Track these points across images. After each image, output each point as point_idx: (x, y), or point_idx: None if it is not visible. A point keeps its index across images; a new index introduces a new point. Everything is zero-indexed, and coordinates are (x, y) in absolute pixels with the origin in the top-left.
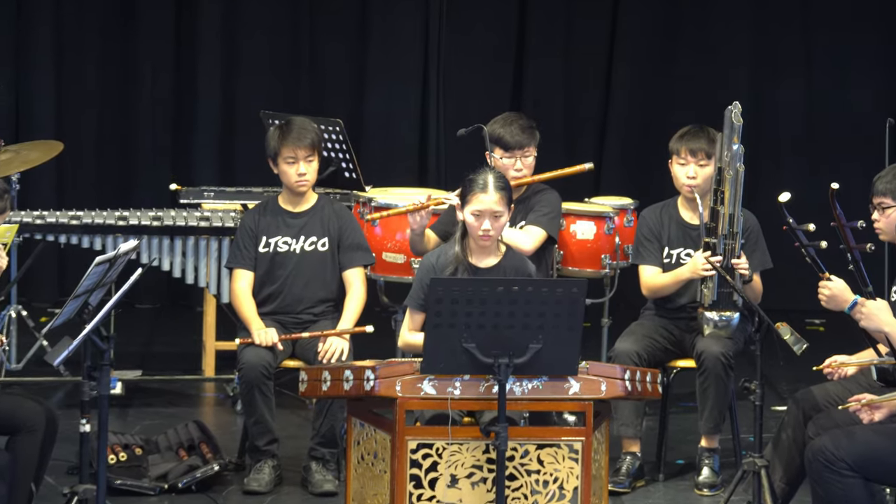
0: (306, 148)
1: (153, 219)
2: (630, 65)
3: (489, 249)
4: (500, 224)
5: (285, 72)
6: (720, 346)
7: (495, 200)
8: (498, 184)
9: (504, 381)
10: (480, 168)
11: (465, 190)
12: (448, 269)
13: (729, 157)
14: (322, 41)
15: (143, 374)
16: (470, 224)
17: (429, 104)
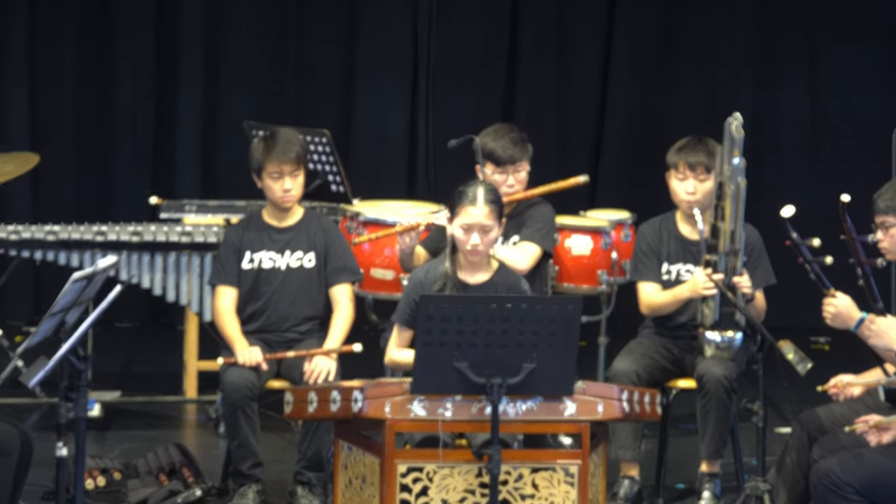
0: (291, 162)
1: (132, 234)
2: (626, 73)
3: (480, 265)
4: (489, 238)
5: (270, 80)
6: (722, 368)
7: (485, 214)
8: (488, 196)
9: (497, 402)
10: (471, 180)
11: (454, 203)
12: (436, 285)
13: (729, 170)
14: (308, 49)
15: (122, 395)
16: (458, 238)
17: (418, 115)
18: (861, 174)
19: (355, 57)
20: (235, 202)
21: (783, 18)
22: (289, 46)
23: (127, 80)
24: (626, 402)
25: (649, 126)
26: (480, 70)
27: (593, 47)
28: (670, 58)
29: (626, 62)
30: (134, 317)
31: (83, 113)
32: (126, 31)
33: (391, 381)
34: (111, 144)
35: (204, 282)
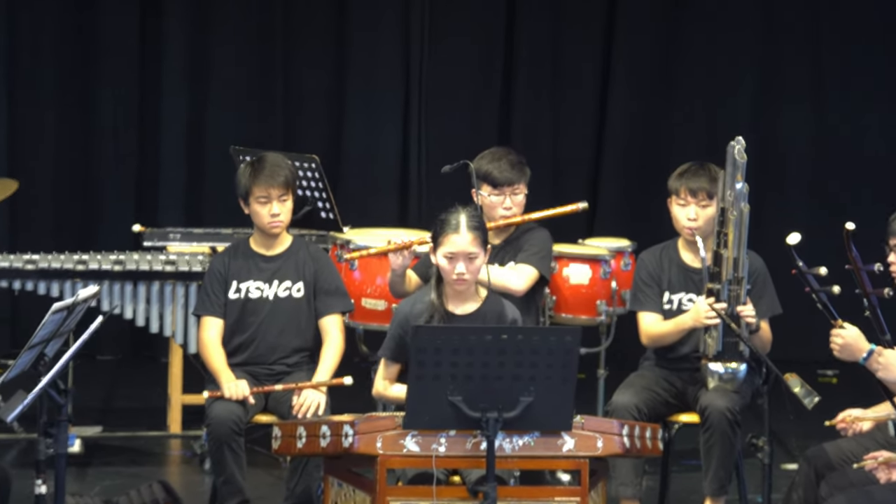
0: (280, 187)
1: (115, 263)
2: (625, 97)
3: (467, 294)
4: (475, 267)
5: (258, 105)
6: (726, 400)
7: (469, 241)
8: (471, 223)
9: (493, 438)
10: (452, 208)
11: (437, 231)
12: (423, 317)
13: (732, 196)
14: (296, 72)
15: (103, 430)
16: (443, 268)
17: (410, 139)
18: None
19: (345, 80)
20: (221, 230)
21: (787, 42)
22: (276, 69)
23: (109, 104)
24: (627, 437)
25: (649, 151)
26: (475, 93)
27: (591, 70)
28: (670, 82)
29: (624, 85)
30: (116, 349)
31: (64, 138)
32: (108, 55)
33: (383, 415)
34: (93, 170)
35: (189, 312)
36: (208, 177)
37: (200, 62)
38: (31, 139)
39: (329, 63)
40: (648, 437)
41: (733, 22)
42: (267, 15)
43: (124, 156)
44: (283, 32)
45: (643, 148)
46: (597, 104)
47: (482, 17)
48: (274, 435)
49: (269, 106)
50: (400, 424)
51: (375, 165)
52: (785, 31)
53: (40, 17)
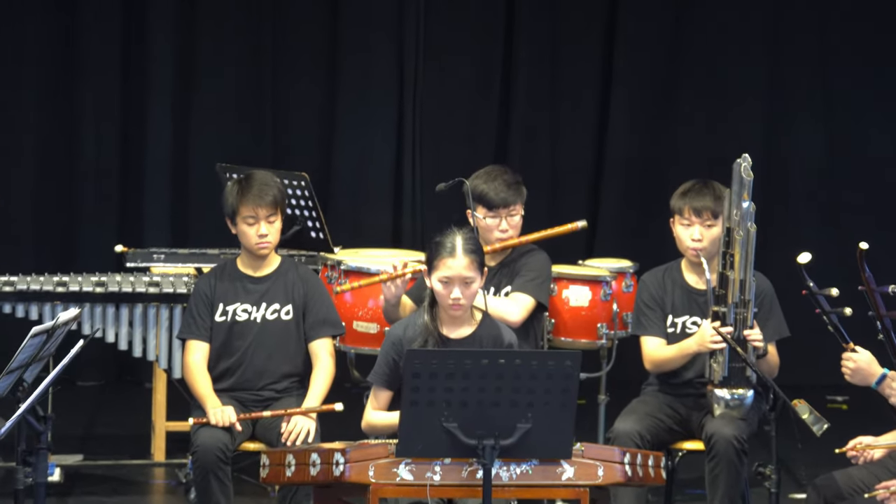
0: (268, 206)
1: (96, 284)
2: (626, 113)
3: (462, 318)
4: (471, 291)
5: (245, 121)
6: (732, 428)
7: (464, 265)
8: (467, 246)
9: (489, 466)
10: (447, 229)
11: (431, 254)
12: (417, 341)
13: (738, 216)
14: (286, 88)
15: (84, 458)
16: (438, 292)
17: (404, 158)
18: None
19: (336, 94)
20: (207, 250)
21: (795, 56)
22: (265, 85)
23: (91, 120)
24: (629, 466)
25: (651, 170)
26: (471, 110)
27: (591, 85)
28: (672, 97)
29: (625, 101)
30: (98, 374)
31: (43, 155)
32: (90, 70)
33: (375, 443)
34: (74, 188)
35: (173, 336)
36: (194, 195)
37: (186, 77)
38: (10, 157)
39: (319, 77)
40: (651, 465)
41: (739, 35)
42: (255, 27)
43: (106, 173)
44: (273, 50)
45: (645, 165)
46: (597, 120)
47: (479, 30)
48: (262, 463)
49: (256, 122)
50: (393, 452)
51: (367, 183)
52: (793, 44)
53: (20, 31)
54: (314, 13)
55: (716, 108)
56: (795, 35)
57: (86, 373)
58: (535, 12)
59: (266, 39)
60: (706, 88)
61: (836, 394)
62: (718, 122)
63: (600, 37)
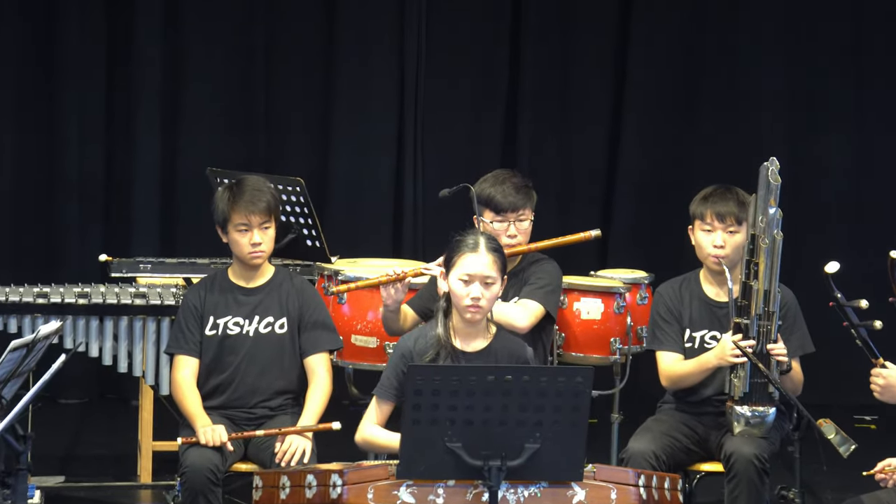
0: (261, 213)
1: (79, 296)
2: (642, 114)
3: (478, 330)
4: (491, 294)
5: (237, 123)
6: (753, 446)
7: (487, 263)
8: (490, 245)
9: (496, 488)
10: (470, 229)
11: (451, 252)
12: (428, 354)
13: (764, 222)
14: (279, 87)
15: (66, 480)
16: (456, 292)
17: (405, 163)
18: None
19: (333, 96)
20: (197, 260)
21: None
22: (257, 86)
23: (73, 122)
24: (643, 488)
25: (668, 175)
26: (476, 114)
27: (603, 85)
28: (691, 100)
29: (641, 103)
30: (80, 391)
31: (23, 160)
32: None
33: (374, 463)
34: (55, 194)
35: (160, 350)
36: (183, 202)
37: (175, 78)
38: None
39: (315, 77)
40: (667, 487)
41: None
42: (247, 26)
43: (89, 178)
44: (266, 48)
45: (661, 170)
46: (610, 122)
47: (483, 31)
48: (254, 485)
49: (249, 124)
50: (393, 474)
51: (366, 189)
52: (820, 44)
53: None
54: (310, 12)
55: (737, 109)
56: (822, 35)
57: (68, 390)
58: (542, 12)
59: (258, 39)
60: (726, 89)
61: (864, 413)
62: (740, 124)
63: (613, 38)
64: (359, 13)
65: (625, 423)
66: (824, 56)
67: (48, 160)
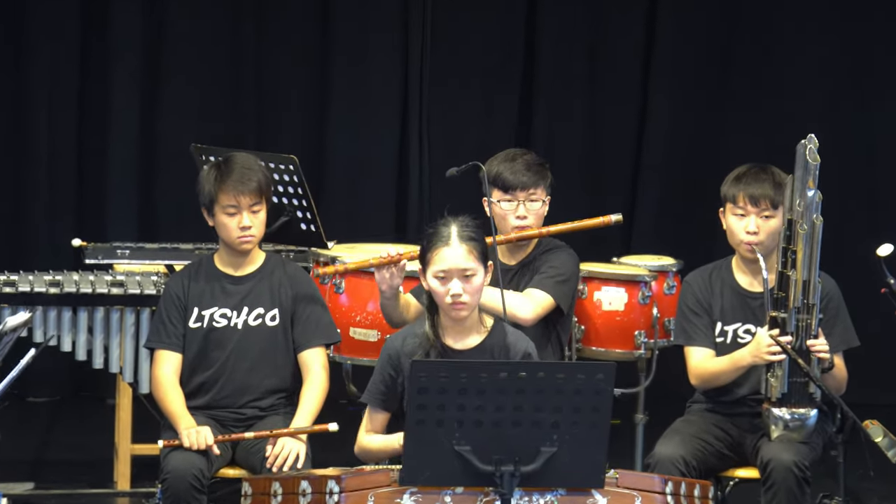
0: (251, 194)
1: (50, 284)
2: (669, 90)
3: (469, 325)
4: (473, 287)
5: (224, 94)
6: (793, 453)
7: (462, 255)
8: (464, 233)
9: (508, 496)
10: (441, 219)
11: (424, 249)
12: (417, 354)
13: (802, 206)
14: (271, 55)
15: (35, 487)
16: (435, 290)
17: (409, 136)
18: None
19: (330, 66)
20: (180, 245)
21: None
22: (247, 54)
23: (43, 92)
24: (671, 496)
25: (699, 153)
26: (488, 86)
27: (629, 60)
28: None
29: (669, 74)
30: (52, 388)
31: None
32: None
33: (376, 468)
34: (23, 174)
35: (140, 344)
36: (164, 181)
37: (155, 44)
38: None
39: (310, 44)
40: (697, 495)
41: None
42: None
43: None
44: (256, 7)
45: (691, 148)
46: (636, 95)
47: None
48: (243, 492)
49: (237, 95)
50: (396, 480)
51: (367, 167)
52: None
53: None
54: None
55: (772, 84)
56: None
57: (38, 387)
58: None
59: (248, 2)
60: (763, 58)
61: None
62: (778, 97)
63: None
64: None
65: (650, 425)
66: (870, 23)
67: (13, 133)
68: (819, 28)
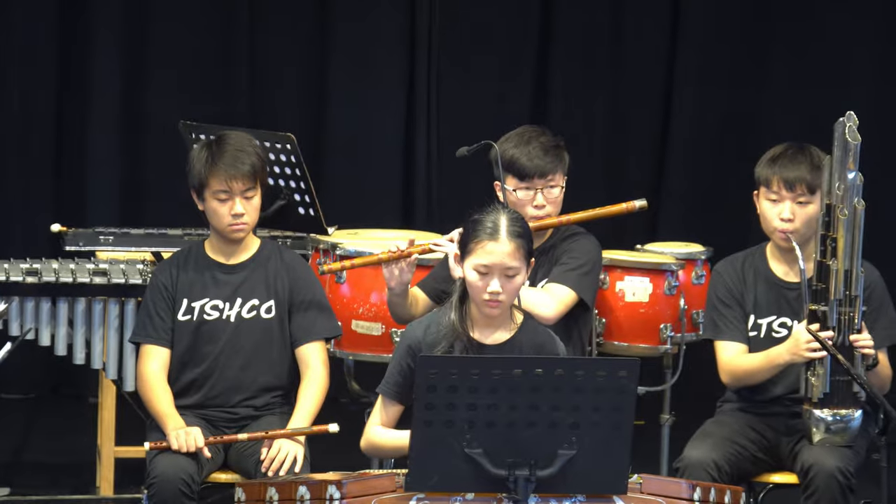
0: (244, 178)
1: (27, 273)
2: (698, 64)
3: (500, 320)
4: (513, 286)
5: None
6: (837, 458)
7: (508, 252)
8: (513, 229)
9: (523, 502)
10: (491, 206)
11: (467, 235)
12: (441, 346)
13: (842, 189)
14: (266, 31)
15: (11, 493)
16: (472, 283)
17: (416, 114)
18: None
19: (330, 37)
20: (168, 231)
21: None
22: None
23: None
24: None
25: (730, 131)
26: (501, 56)
27: (654, 31)
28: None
29: (698, 44)
30: (28, 385)
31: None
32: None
33: (380, 472)
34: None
35: (125, 338)
36: (150, 161)
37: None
38: None
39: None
40: (728, 502)
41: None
42: None
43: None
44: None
45: (722, 125)
46: (662, 66)
47: None
48: (236, 498)
49: (230, 68)
50: (402, 485)
51: (370, 147)
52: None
53: None
54: None
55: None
56: None
57: (13, 383)
58: None
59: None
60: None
61: None
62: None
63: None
64: None
65: (677, 426)
66: None
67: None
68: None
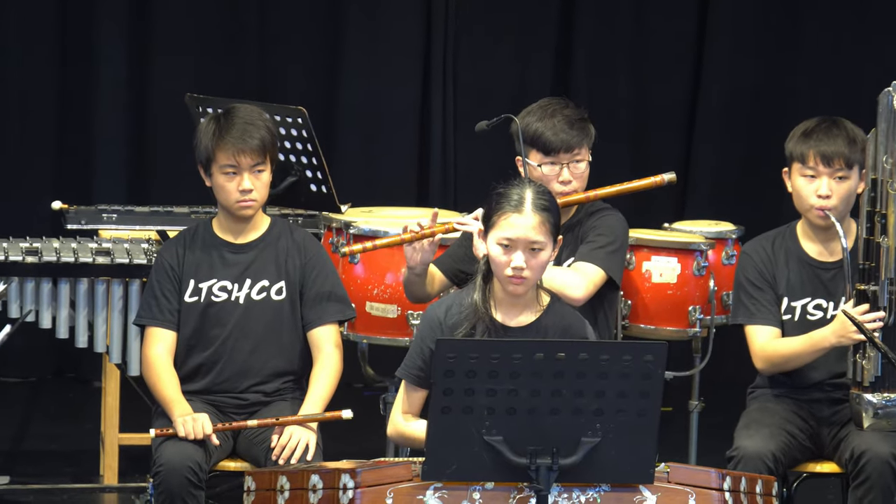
0: (253, 153)
1: (27, 252)
2: (732, 29)
3: (525, 301)
4: (538, 262)
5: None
6: (889, 444)
7: (533, 225)
8: (539, 202)
9: (545, 492)
10: (516, 179)
11: (491, 208)
12: (462, 328)
13: (890, 163)
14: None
15: (11, 481)
16: (495, 258)
17: (432, 86)
18: None
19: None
20: (174, 208)
21: None
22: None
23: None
24: (730, 494)
25: (763, 105)
26: (522, 26)
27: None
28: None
29: (729, 14)
30: (29, 369)
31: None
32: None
33: (396, 461)
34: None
35: (129, 321)
36: (156, 135)
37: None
38: None
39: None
40: (759, 492)
41: None
42: None
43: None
44: None
45: (754, 98)
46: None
47: None
48: (246, 487)
49: (239, 40)
50: (418, 474)
51: (385, 121)
52: None
53: None
54: None
55: (852, 21)
56: None
57: (13, 367)
58: None
59: None
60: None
61: None
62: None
63: None
64: None
65: (706, 413)
66: None
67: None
68: None
